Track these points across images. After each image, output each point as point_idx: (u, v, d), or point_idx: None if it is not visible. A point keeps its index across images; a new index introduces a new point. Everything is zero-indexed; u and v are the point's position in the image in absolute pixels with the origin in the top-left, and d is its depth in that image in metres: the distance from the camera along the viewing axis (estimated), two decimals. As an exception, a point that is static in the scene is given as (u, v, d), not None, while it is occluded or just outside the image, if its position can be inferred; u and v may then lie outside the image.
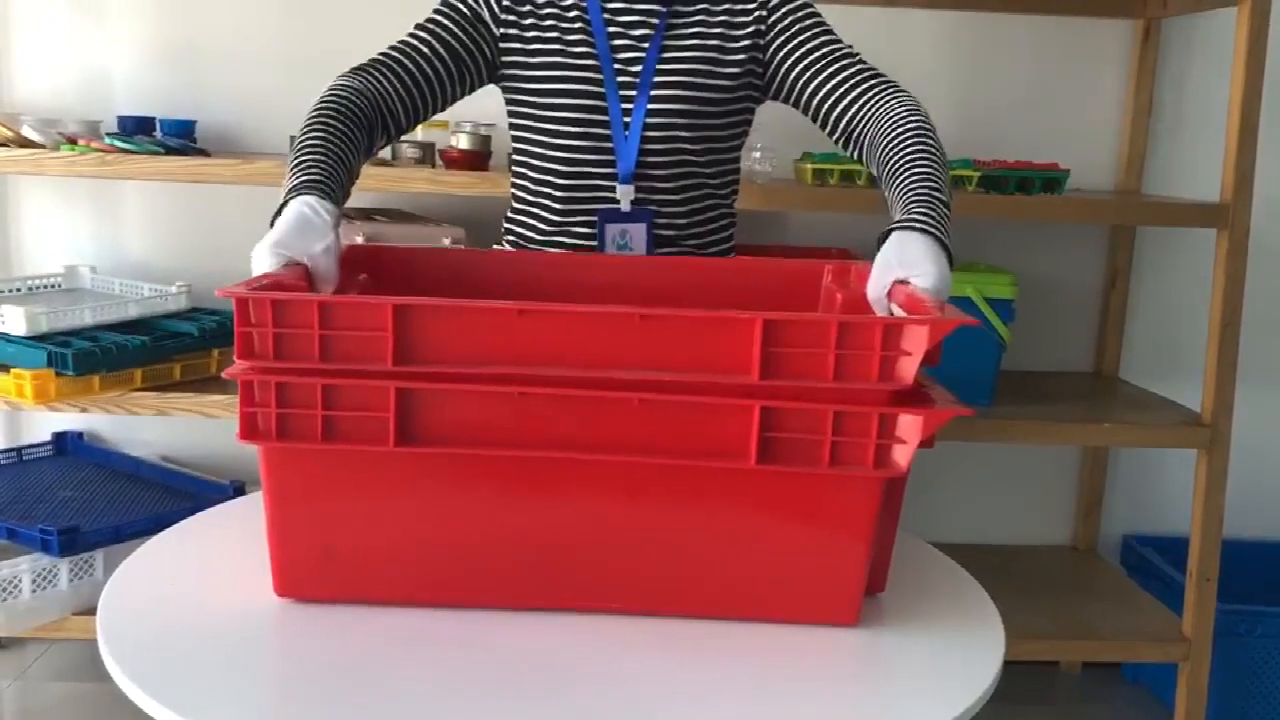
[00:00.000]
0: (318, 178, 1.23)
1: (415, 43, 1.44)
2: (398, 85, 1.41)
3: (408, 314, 1.00)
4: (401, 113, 1.42)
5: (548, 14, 1.46)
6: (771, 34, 1.46)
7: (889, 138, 1.33)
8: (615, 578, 1.08)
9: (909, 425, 1.01)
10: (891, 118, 1.35)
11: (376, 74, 1.40)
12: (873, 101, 1.39)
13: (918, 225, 1.19)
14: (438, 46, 1.44)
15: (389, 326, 0.99)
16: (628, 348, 1.01)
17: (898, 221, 1.21)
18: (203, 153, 2.06)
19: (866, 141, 1.39)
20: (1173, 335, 2.49)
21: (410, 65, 1.42)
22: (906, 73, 1.48)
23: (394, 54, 1.43)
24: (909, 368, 1.00)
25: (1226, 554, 2.13)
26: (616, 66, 1.44)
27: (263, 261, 1.14)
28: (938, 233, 1.19)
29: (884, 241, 1.20)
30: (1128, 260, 2.44)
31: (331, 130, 1.30)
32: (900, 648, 1.08)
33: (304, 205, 1.18)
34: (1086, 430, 2.10)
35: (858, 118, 1.40)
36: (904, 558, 1.24)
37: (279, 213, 1.20)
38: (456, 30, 1.45)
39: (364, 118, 1.36)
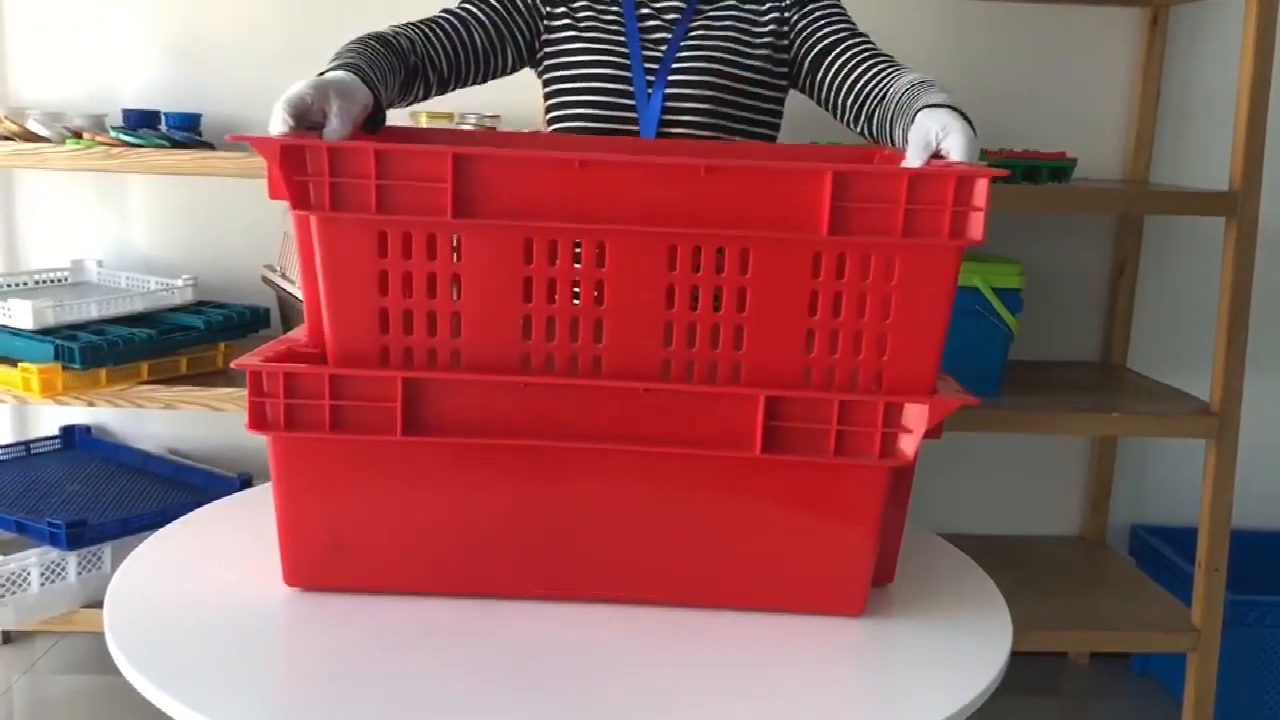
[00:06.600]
0: (352, 63, 1.24)
1: (460, 11, 1.49)
2: (440, 42, 1.44)
3: (466, 163, 0.98)
4: (444, 66, 1.44)
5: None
6: (794, 21, 1.51)
7: (901, 90, 1.33)
8: (621, 567, 1.08)
9: (914, 414, 1.01)
10: (905, 81, 1.35)
11: (419, 27, 1.43)
12: (888, 76, 1.40)
13: (937, 104, 1.23)
14: (481, 17, 1.49)
15: (449, 177, 0.97)
16: (689, 202, 0.99)
17: (921, 107, 1.24)
18: (208, 146, 2.06)
19: (879, 109, 1.39)
20: (1181, 324, 2.48)
21: (451, 29, 1.46)
22: (912, 61, 1.48)
23: (438, 17, 1.47)
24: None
25: (1235, 544, 2.12)
26: (645, 51, 1.49)
27: (277, 120, 1.09)
28: (958, 108, 1.22)
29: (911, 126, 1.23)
30: (1136, 249, 2.43)
31: (371, 49, 1.31)
32: (907, 638, 1.08)
33: (331, 76, 1.18)
34: (1094, 420, 2.09)
35: (872, 92, 1.40)
36: (912, 548, 1.24)
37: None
38: (499, 5, 1.50)
39: (403, 53, 1.37)
